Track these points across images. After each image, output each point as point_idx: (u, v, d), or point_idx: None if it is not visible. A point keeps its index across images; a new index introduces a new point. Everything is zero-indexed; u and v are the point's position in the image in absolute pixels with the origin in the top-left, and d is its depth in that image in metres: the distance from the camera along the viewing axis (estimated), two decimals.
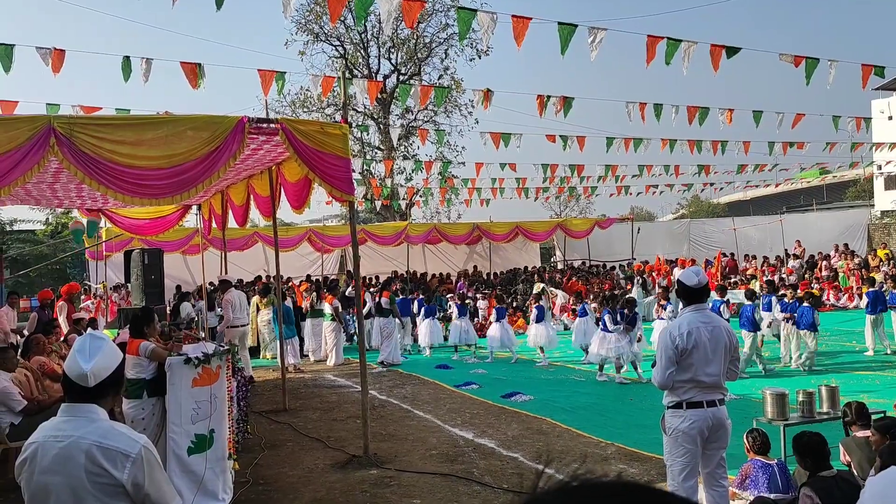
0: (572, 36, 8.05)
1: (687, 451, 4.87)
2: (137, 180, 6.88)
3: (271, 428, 9.37)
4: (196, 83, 9.37)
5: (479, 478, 6.88)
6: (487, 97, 10.80)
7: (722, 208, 51.75)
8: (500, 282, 23.86)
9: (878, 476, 1.44)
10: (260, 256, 22.40)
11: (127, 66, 9.15)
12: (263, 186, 10.55)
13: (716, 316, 5.19)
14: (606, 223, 26.65)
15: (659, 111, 12.74)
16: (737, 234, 27.42)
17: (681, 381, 4.87)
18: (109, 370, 2.48)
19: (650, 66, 8.92)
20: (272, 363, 14.88)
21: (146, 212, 12.86)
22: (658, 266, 23.33)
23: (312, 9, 30.97)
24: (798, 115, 14.02)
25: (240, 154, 7.36)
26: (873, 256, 24.40)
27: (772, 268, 23.66)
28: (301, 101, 32.00)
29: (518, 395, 10.75)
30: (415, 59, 32.76)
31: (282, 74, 10.36)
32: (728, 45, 9.05)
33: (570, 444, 8.03)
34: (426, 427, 9.10)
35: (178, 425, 6.14)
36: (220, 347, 6.78)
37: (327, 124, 7.77)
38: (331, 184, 7.79)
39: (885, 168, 28.81)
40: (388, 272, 23.73)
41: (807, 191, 44.62)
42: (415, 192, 28.52)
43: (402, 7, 7.32)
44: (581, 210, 50.83)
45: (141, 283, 14.47)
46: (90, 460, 2.31)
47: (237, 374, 7.83)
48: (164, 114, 7.26)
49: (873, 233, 28.68)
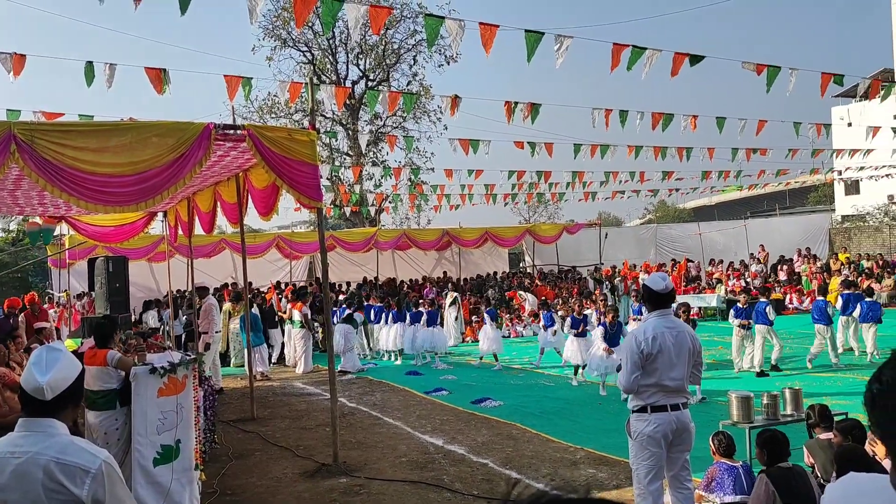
0: (539, 43, 8.12)
1: (652, 455, 4.93)
2: (101, 187, 6.77)
3: (239, 437, 9.27)
4: (161, 89, 9.26)
5: (449, 485, 6.88)
6: (455, 103, 10.84)
7: (687, 213, 52.46)
8: (470, 287, 23.90)
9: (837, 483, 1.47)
10: (228, 263, 22.16)
11: (90, 72, 9.01)
12: (230, 193, 10.45)
13: (679, 321, 5.27)
14: (575, 228, 26.86)
15: (624, 118, 12.88)
16: (702, 239, 27.80)
17: (646, 385, 4.93)
18: (67, 382, 2.42)
19: (616, 73, 9.04)
20: (240, 371, 14.73)
21: (110, 219, 12.67)
22: (626, 271, 23.55)
23: (280, 14, 30.81)
24: (761, 122, 14.29)
25: (206, 161, 7.29)
26: (835, 260, 24.91)
27: (737, 272, 24.02)
28: (269, 107, 31.79)
29: (488, 400, 10.77)
30: (383, 66, 32.75)
31: (248, 80, 10.29)
32: (692, 54, 9.21)
33: (539, 449, 8.06)
34: (396, 434, 9.08)
35: (143, 436, 6.04)
36: (186, 356, 6.70)
37: (295, 131, 7.73)
38: (298, 190, 7.75)
39: (844, 174, 29.45)
40: (358, 278, 23.65)
41: (770, 196, 45.42)
42: (384, 198, 28.48)
43: (370, 13, 7.32)
44: (549, 216, 51.17)
45: (105, 291, 14.24)
46: (48, 476, 2.26)
47: (204, 384, 7.74)
48: (129, 120, 7.17)
49: (834, 237, 29.28)
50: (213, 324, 12.52)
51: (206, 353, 11.90)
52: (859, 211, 33.64)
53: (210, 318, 12.51)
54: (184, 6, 6.51)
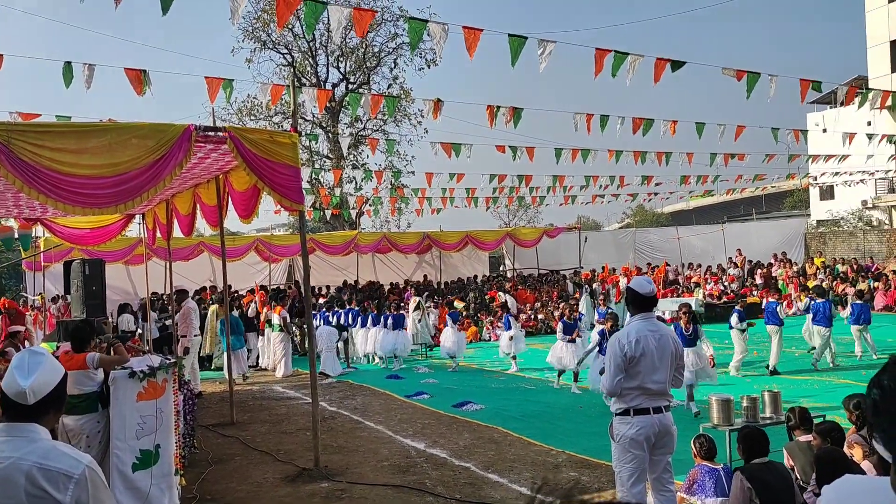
0: (522, 48, 8.14)
1: (635, 458, 4.95)
2: (79, 189, 6.68)
3: (218, 442, 9.18)
4: (141, 90, 9.16)
5: (431, 488, 6.86)
6: (437, 107, 10.84)
7: (666, 217, 52.91)
8: (450, 291, 23.90)
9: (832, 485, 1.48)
10: (206, 266, 21.96)
11: (68, 72, 8.89)
12: (210, 196, 10.37)
13: (662, 325, 5.30)
14: (555, 232, 26.94)
15: (605, 122, 12.97)
16: (680, 243, 28.02)
17: (629, 388, 4.95)
18: (50, 386, 2.38)
19: (598, 77, 9.09)
20: (218, 375, 14.62)
21: (87, 221, 12.50)
22: (606, 275, 23.68)
23: (260, 16, 30.66)
24: (740, 128, 14.44)
25: (186, 163, 7.22)
26: (810, 265, 25.23)
27: (714, 276, 24.23)
28: (248, 109, 31.60)
29: (469, 404, 10.77)
30: (364, 69, 32.69)
31: (229, 82, 10.22)
32: (673, 59, 9.29)
33: (521, 452, 8.07)
34: (377, 438, 9.04)
35: (122, 440, 5.97)
36: (166, 360, 6.63)
37: (277, 133, 7.70)
38: (280, 193, 7.70)
39: (819, 179, 29.86)
40: (338, 282, 23.55)
41: (747, 201, 45.93)
42: (364, 201, 28.40)
43: (353, 16, 7.30)
44: (529, 219, 51.37)
45: (82, 294, 14.03)
46: (31, 482, 2.22)
47: (184, 388, 7.66)
48: (108, 121, 7.09)
49: (810, 241, 29.66)
50: (192, 327, 12.43)
51: (185, 356, 11.79)
52: (834, 216, 34.14)
53: (189, 321, 12.41)
54: (165, 6, 6.45)
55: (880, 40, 31.10)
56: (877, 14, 31.21)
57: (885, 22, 30.81)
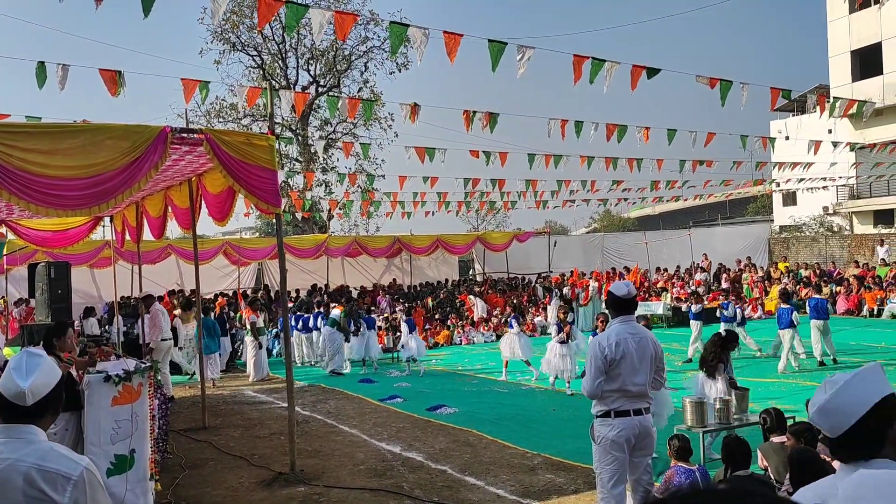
0: (502, 53, 8.20)
1: (615, 459, 5.01)
2: (52, 190, 6.57)
3: (191, 447, 9.07)
4: (115, 91, 9.04)
5: (409, 492, 6.87)
6: (415, 111, 10.86)
7: (632, 222, 53.45)
8: (419, 295, 23.90)
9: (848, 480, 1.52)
10: (174, 270, 21.70)
11: (42, 73, 8.74)
12: (182, 198, 10.26)
13: (641, 327, 5.37)
14: (524, 237, 27.11)
15: (579, 128, 13.10)
16: (648, 248, 28.36)
17: (609, 390, 5.01)
18: (48, 388, 2.36)
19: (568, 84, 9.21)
20: (190, 380, 14.44)
21: (52, 223, 12.27)
22: (575, 279, 23.86)
23: (229, 18, 30.39)
24: (710, 135, 14.69)
25: (162, 164, 7.15)
26: (775, 269, 25.73)
27: (681, 281, 24.57)
28: (217, 111, 31.32)
29: (443, 407, 10.79)
30: (334, 71, 32.58)
31: (206, 84, 10.13)
32: (649, 66, 9.44)
33: (497, 455, 8.10)
34: (353, 442, 9.01)
35: (96, 445, 5.88)
36: (142, 363, 6.54)
37: (254, 135, 7.65)
38: (257, 195, 7.66)
39: (783, 185, 30.46)
40: (307, 285, 23.41)
41: (712, 206, 46.64)
42: (337, 204, 28.29)
43: (335, 20, 7.29)
44: (498, 223, 51.56)
45: (47, 297, 13.80)
46: (29, 484, 2.20)
47: (158, 392, 7.56)
48: (82, 122, 6.98)
49: (773, 246, 30.23)
50: (161, 331, 12.18)
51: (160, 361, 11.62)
52: (796, 221, 34.81)
53: (158, 325, 12.17)
54: (146, 8, 6.38)
55: (841, 50, 31.83)
56: (838, 24, 31.96)
57: (846, 32, 31.56)
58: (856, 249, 27.40)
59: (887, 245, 25.54)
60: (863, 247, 27.28)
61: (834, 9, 31.98)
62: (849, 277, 22.92)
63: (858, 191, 31.83)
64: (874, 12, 29.68)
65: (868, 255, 26.15)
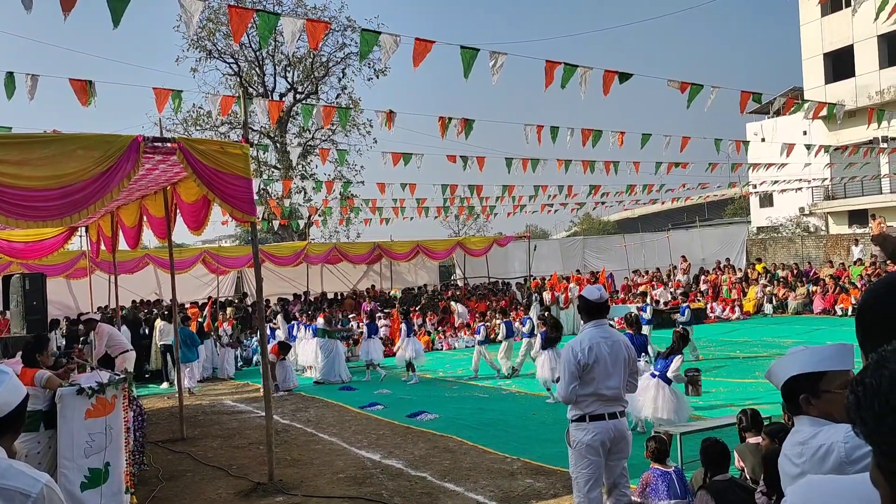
0: (475, 59, 8.24)
1: (591, 463, 5.03)
2: (22, 201, 6.51)
3: (168, 458, 8.98)
4: (86, 101, 8.96)
5: (388, 499, 6.85)
6: (390, 118, 10.86)
7: (611, 226, 53.76)
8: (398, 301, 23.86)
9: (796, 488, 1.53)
10: (151, 279, 21.51)
11: (10, 83, 8.64)
12: (157, 207, 10.19)
13: (614, 331, 5.40)
14: (504, 241, 27.17)
15: (555, 133, 13.18)
16: (627, 251, 28.53)
17: (584, 394, 5.03)
18: (11, 406, 2.32)
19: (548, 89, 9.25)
20: (167, 390, 14.32)
21: (25, 234, 12.12)
22: (555, 282, 23.94)
23: (205, 25, 30.23)
24: (685, 139, 14.83)
25: (134, 174, 7.11)
26: (752, 270, 25.97)
27: (661, 283, 24.74)
28: (193, 119, 31.13)
29: (423, 414, 10.77)
30: (312, 78, 32.52)
31: (178, 93, 10.07)
32: (621, 71, 9.52)
33: (477, 461, 8.10)
34: (332, 450, 8.98)
35: (69, 460, 5.82)
36: (116, 375, 6.48)
37: (228, 144, 7.62)
38: (231, 204, 7.62)
39: (759, 187, 30.77)
40: (288, 293, 23.31)
41: (690, 208, 47.01)
42: (315, 211, 28.20)
43: (307, 28, 7.28)
44: (478, 229, 51.66)
45: (22, 309, 13.59)
46: None
47: (133, 404, 7.49)
48: (53, 132, 6.92)
49: (751, 248, 30.52)
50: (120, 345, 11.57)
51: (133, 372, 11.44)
52: (773, 223, 35.19)
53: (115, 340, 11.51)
54: (116, 19, 6.34)
55: (814, 52, 32.22)
56: (811, 27, 32.37)
57: (818, 35, 31.96)
58: (832, 249, 27.73)
59: (861, 245, 25.87)
60: (838, 247, 27.61)
61: (807, 12, 32.39)
62: (825, 277, 23.19)
63: (833, 192, 32.22)
64: (846, 15, 30.08)
65: (844, 255, 26.46)
